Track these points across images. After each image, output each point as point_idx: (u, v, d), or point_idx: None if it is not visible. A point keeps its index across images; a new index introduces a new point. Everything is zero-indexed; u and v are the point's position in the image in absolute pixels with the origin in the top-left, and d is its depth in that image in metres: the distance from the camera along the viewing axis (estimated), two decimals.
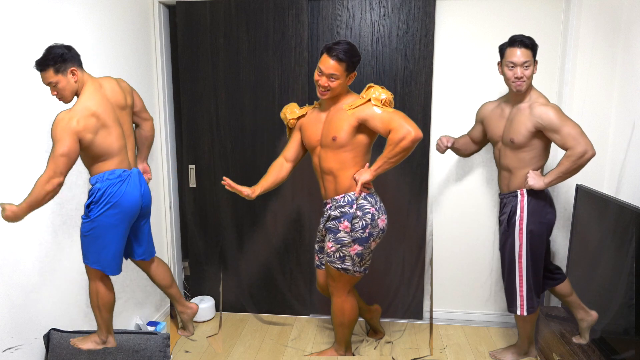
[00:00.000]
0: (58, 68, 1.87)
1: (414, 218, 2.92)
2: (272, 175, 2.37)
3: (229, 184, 2.27)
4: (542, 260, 2.31)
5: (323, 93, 2.18)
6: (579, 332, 2.39)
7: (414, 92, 2.80)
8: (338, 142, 2.18)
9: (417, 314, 3.04)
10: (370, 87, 2.17)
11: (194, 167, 3.06)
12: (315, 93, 2.22)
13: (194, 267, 3.20)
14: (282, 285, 3.11)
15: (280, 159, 2.41)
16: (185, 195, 3.13)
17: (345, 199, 2.22)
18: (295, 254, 3.06)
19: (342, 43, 2.11)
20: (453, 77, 2.79)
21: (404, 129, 2.05)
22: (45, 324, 2.12)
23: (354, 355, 2.59)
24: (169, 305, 3.04)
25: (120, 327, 2.57)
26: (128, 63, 2.66)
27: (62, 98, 1.94)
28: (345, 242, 2.20)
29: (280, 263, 3.08)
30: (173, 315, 2.95)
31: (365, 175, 2.17)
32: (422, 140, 2.13)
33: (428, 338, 2.84)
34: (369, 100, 2.14)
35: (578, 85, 2.62)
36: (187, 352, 2.68)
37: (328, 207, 2.29)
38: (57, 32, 2.08)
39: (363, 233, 2.19)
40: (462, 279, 2.99)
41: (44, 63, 1.86)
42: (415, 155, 2.73)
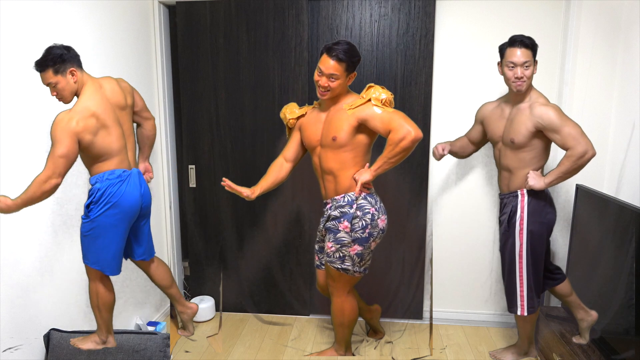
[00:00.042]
0: (57, 69, 1.87)
1: (414, 218, 2.92)
2: (271, 176, 2.37)
3: (229, 185, 2.26)
4: (542, 260, 2.31)
5: (323, 93, 2.18)
6: (579, 332, 2.39)
7: (414, 92, 2.80)
8: (338, 142, 2.17)
9: (417, 314, 3.04)
10: (371, 87, 2.17)
11: (194, 167, 3.06)
12: (315, 93, 2.22)
13: (194, 267, 3.20)
14: (282, 285, 3.11)
15: (280, 159, 2.41)
16: (185, 195, 3.14)
17: (345, 199, 2.22)
18: (295, 254, 3.06)
19: (342, 43, 2.11)
20: (453, 77, 2.79)
21: (404, 129, 2.05)
22: (45, 324, 2.12)
23: (354, 355, 2.59)
24: (169, 305, 3.04)
25: (120, 327, 2.57)
26: (128, 63, 2.66)
27: (61, 98, 1.94)
28: (345, 242, 2.20)
29: (280, 263, 3.08)
30: (173, 315, 2.94)
31: (365, 175, 2.17)
32: (422, 141, 2.13)
33: (428, 338, 2.84)
34: (369, 100, 2.14)
35: (578, 85, 2.62)
36: (187, 352, 2.68)
37: (328, 207, 2.29)
38: (57, 32, 2.08)
39: (363, 233, 2.19)
40: (462, 279, 2.99)
41: (43, 64, 1.86)
42: (415, 155, 2.73)
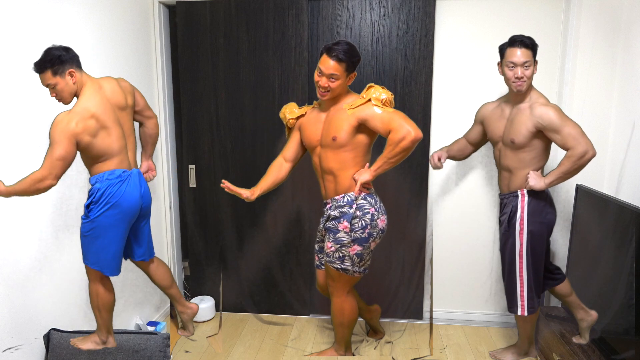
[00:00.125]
0: (56, 70, 1.86)
1: (414, 218, 2.92)
2: (271, 176, 2.37)
3: (228, 187, 2.26)
4: (542, 261, 2.31)
5: (323, 94, 2.17)
6: (579, 332, 2.39)
7: (414, 92, 2.80)
8: (338, 142, 2.17)
9: (417, 314, 3.04)
10: (371, 87, 2.17)
11: (194, 167, 3.06)
12: (315, 93, 2.22)
13: (194, 267, 3.20)
14: (282, 285, 3.11)
15: (280, 159, 2.40)
16: (185, 195, 3.14)
17: (345, 199, 2.22)
18: (295, 254, 3.06)
19: (341, 43, 2.11)
20: (453, 77, 2.79)
21: (404, 129, 2.05)
22: (45, 324, 2.12)
23: (354, 355, 2.59)
24: (169, 305, 3.04)
25: (120, 327, 2.57)
26: (128, 63, 2.66)
27: (61, 99, 1.94)
28: (345, 242, 2.20)
29: (280, 263, 3.08)
30: (173, 315, 2.95)
31: (365, 175, 2.17)
32: (422, 141, 2.13)
33: (428, 338, 2.84)
34: (369, 100, 2.13)
35: (578, 85, 2.62)
36: (187, 352, 2.68)
37: (328, 207, 2.29)
38: (57, 32, 2.08)
39: (362, 233, 2.19)
40: (462, 279, 2.99)
41: (42, 65, 1.86)
42: (415, 156, 2.73)
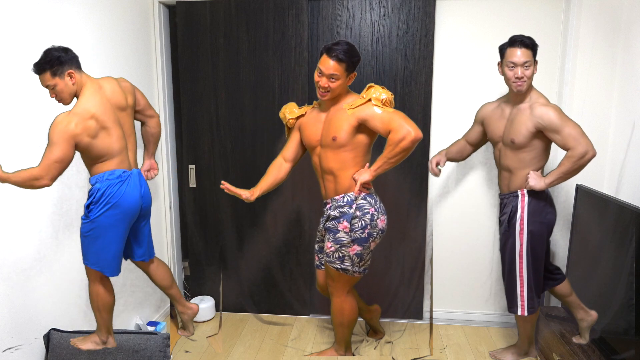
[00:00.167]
0: (55, 71, 1.86)
1: (414, 218, 2.92)
2: (271, 176, 2.37)
3: (227, 188, 2.27)
4: (542, 261, 2.31)
5: (323, 94, 2.17)
6: (579, 332, 2.39)
7: (414, 92, 2.80)
8: (338, 142, 2.17)
9: (417, 314, 3.04)
10: (371, 87, 2.17)
11: (194, 167, 3.06)
12: (315, 93, 2.22)
13: (194, 267, 3.20)
14: (282, 285, 3.11)
15: (279, 159, 2.40)
16: (185, 195, 3.14)
17: (345, 199, 2.21)
18: (295, 254, 3.06)
19: (341, 43, 2.11)
20: (453, 77, 2.79)
21: (404, 129, 2.05)
22: (45, 324, 2.12)
23: (354, 355, 2.59)
24: (169, 305, 3.04)
25: (120, 327, 2.57)
26: (128, 63, 2.66)
27: (61, 100, 1.94)
28: (345, 242, 2.20)
29: (280, 263, 3.08)
30: (173, 315, 2.95)
31: (365, 176, 2.17)
32: (422, 141, 2.13)
33: (428, 338, 2.84)
34: (369, 100, 2.13)
35: (578, 85, 2.62)
36: (187, 352, 2.68)
37: (328, 207, 2.29)
38: (57, 32, 2.08)
39: (362, 233, 2.19)
40: (462, 279, 2.99)
41: (41, 66, 1.86)
42: (415, 155, 2.73)
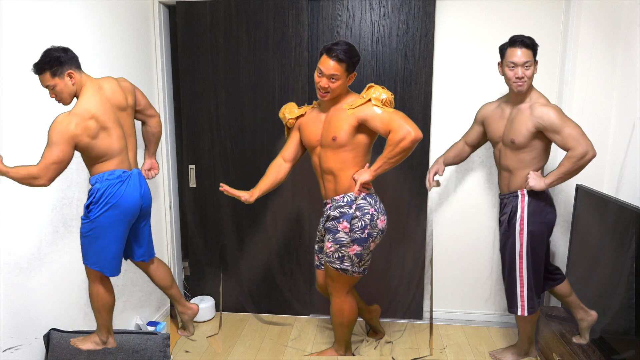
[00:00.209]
0: (55, 71, 1.86)
1: (414, 218, 2.92)
2: (270, 177, 2.37)
3: (227, 190, 2.27)
4: (542, 261, 2.31)
5: (323, 95, 2.17)
6: (579, 332, 2.39)
7: (414, 92, 2.80)
8: (338, 142, 2.17)
9: (417, 314, 3.04)
10: (371, 87, 2.17)
11: (194, 167, 3.06)
12: (315, 93, 2.22)
13: (194, 267, 3.20)
14: (282, 285, 3.11)
15: (279, 159, 2.40)
16: (185, 195, 3.13)
17: (345, 199, 2.21)
18: (295, 254, 3.06)
19: (341, 43, 2.11)
20: (453, 77, 2.79)
21: (404, 130, 2.05)
22: (45, 324, 2.12)
23: (354, 355, 2.59)
24: (169, 306, 3.04)
25: (120, 327, 2.57)
26: (128, 63, 2.66)
27: (60, 100, 1.94)
28: (344, 242, 2.20)
29: (280, 263, 3.08)
30: (173, 315, 2.95)
31: (365, 176, 2.16)
32: (422, 141, 2.13)
33: (428, 338, 2.84)
34: (369, 100, 2.13)
35: (578, 85, 2.62)
36: (187, 352, 2.68)
37: (328, 207, 2.29)
38: (57, 32, 2.08)
39: (362, 234, 2.19)
40: (462, 279, 2.99)
41: (40, 67, 1.85)
42: (415, 155, 2.73)
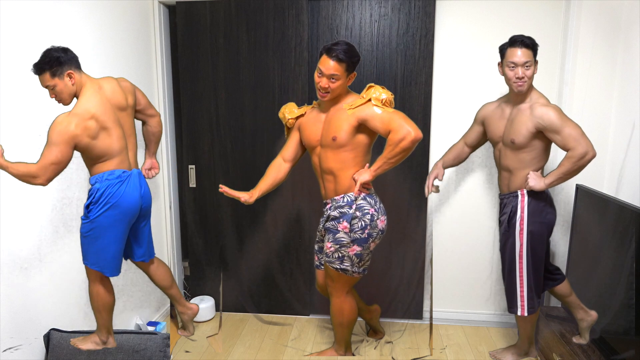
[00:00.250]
0: (54, 72, 1.86)
1: (414, 218, 2.92)
2: (270, 177, 2.37)
3: (226, 191, 2.27)
4: (542, 261, 2.31)
5: (323, 95, 2.17)
6: (579, 332, 2.39)
7: (414, 92, 2.80)
8: (338, 142, 2.17)
9: (417, 314, 3.04)
10: (371, 87, 2.17)
11: (194, 167, 3.06)
12: (315, 93, 2.22)
13: (194, 267, 3.20)
14: (282, 285, 3.11)
15: (278, 160, 2.40)
16: (185, 195, 3.13)
17: (345, 200, 2.21)
18: (295, 254, 3.06)
19: (340, 43, 2.11)
20: (453, 77, 2.79)
21: (404, 130, 2.05)
22: (45, 324, 2.12)
23: (354, 355, 2.59)
24: (169, 306, 3.04)
25: (121, 327, 2.57)
26: (128, 63, 2.66)
27: (60, 101, 1.94)
28: (344, 242, 2.20)
29: (280, 263, 3.08)
30: (173, 315, 2.95)
31: (365, 176, 2.16)
32: (422, 141, 2.13)
33: (428, 338, 2.84)
34: (369, 100, 2.13)
35: (578, 85, 2.62)
36: (187, 352, 2.68)
37: (328, 207, 2.29)
38: (57, 32, 2.08)
39: (362, 234, 2.19)
40: (462, 279, 2.99)
41: (40, 67, 1.85)
42: (415, 155, 2.73)
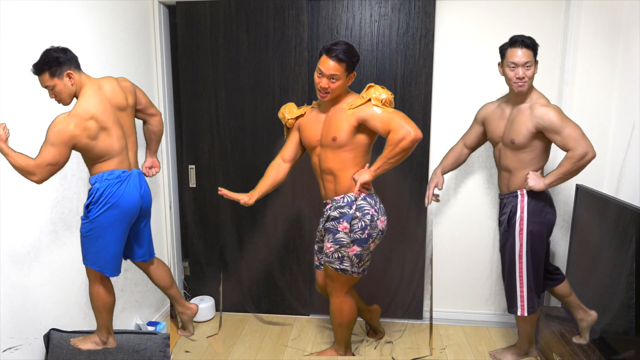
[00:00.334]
0: (54, 72, 1.86)
1: (414, 218, 2.92)
2: (269, 178, 2.37)
3: (225, 193, 2.27)
4: (542, 261, 2.31)
5: (323, 95, 2.17)
6: (579, 332, 2.39)
7: (414, 92, 2.80)
8: (338, 142, 2.17)
9: (417, 314, 3.04)
10: (371, 87, 2.17)
11: (194, 167, 3.06)
12: (315, 93, 2.22)
13: (194, 267, 3.20)
14: (282, 285, 3.11)
15: (278, 160, 2.40)
16: (185, 195, 3.13)
17: (345, 200, 2.21)
18: (295, 254, 3.06)
19: (340, 43, 2.11)
20: (453, 77, 2.79)
21: (404, 130, 2.05)
22: (45, 324, 2.12)
23: (354, 355, 2.59)
24: (169, 306, 3.04)
25: (121, 327, 2.57)
26: (128, 63, 2.66)
27: (60, 101, 1.94)
28: (344, 242, 2.20)
29: (280, 263, 3.08)
30: (173, 315, 2.95)
31: (365, 176, 2.16)
32: (422, 141, 2.13)
33: (428, 338, 2.84)
34: (369, 100, 2.13)
35: (578, 85, 2.61)
36: (187, 352, 2.68)
37: (327, 207, 2.29)
38: (57, 32, 2.08)
39: (362, 234, 2.19)
40: (462, 279, 2.99)
41: (40, 67, 1.85)
42: (415, 155, 2.73)
